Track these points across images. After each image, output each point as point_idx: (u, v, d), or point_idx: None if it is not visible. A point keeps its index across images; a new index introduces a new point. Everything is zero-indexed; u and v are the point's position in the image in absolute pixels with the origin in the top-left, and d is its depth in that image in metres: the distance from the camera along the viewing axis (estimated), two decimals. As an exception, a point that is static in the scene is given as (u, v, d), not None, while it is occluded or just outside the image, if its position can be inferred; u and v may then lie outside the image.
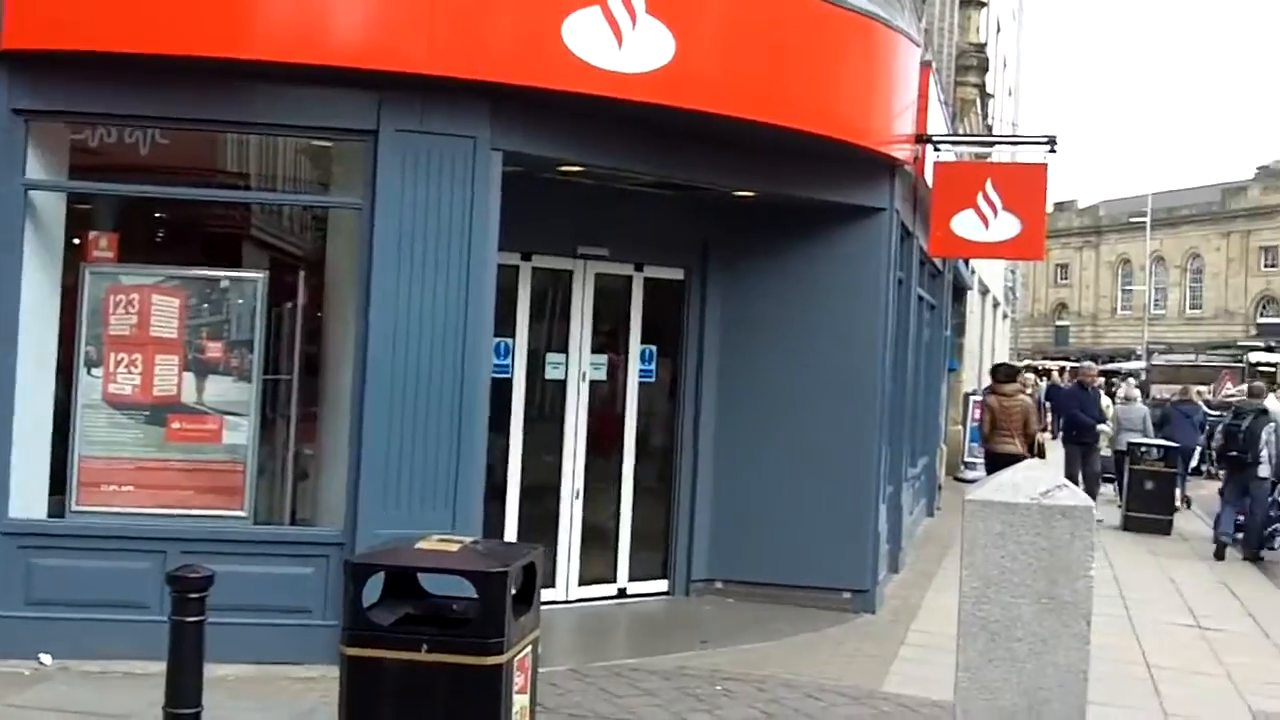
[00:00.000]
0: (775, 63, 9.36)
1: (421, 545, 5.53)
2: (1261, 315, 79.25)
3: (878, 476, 11.18)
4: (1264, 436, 15.94)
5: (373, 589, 5.53)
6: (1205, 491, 20.05)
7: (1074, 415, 19.00)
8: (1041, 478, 5.58)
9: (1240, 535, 16.34)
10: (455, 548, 5.53)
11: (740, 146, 9.69)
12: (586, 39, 8.16)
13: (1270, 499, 16.23)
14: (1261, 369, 52.11)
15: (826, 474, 10.87)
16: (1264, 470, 15.89)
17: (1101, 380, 26.91)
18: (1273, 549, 16.06)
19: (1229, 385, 36.19)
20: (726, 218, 11.08)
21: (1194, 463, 21.20)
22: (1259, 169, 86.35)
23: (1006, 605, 5.50)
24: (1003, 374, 17.10)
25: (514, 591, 5.40)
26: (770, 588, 10.91)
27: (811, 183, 10.52)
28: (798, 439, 10.95)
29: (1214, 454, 19.19)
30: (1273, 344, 65.79)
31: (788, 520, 10.88)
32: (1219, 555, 15.83)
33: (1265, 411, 16.52)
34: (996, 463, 14.75)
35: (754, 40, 9.22)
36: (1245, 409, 16.62)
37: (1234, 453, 16.15)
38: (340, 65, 7.80)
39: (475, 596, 5.23)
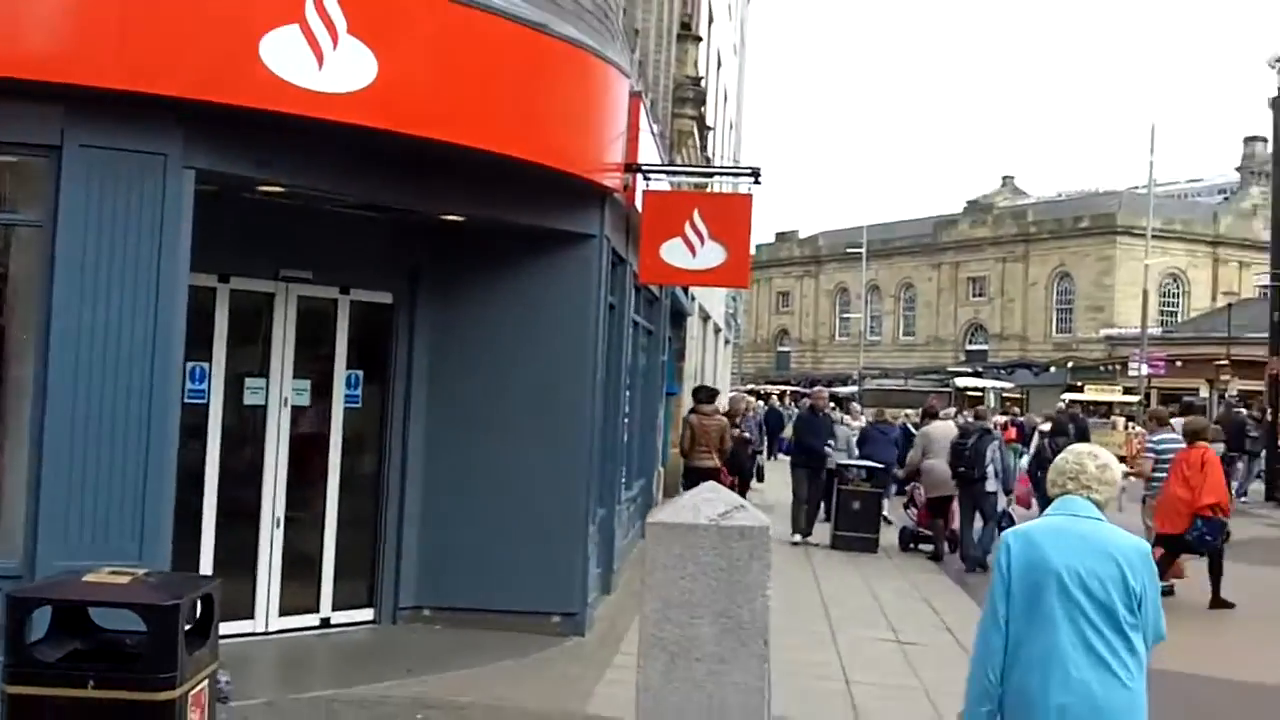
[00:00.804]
0: (483, 87, 9.35)
1: (90, 578, 5.32)
2: (970, 342, 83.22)
3: (588, 500, 11.23)
4: (989, 454, 17.25)
5: (42, 624, 5.29)
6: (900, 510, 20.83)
7: (808, 442, 18.93)
8: (720, 499, 5.70)
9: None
10: (126, 580, 5.34)
11: (448, 170, 9.64)
12: (285, 57, 7.98)
13: (1001, 511, 17.57)
14: (969, 393, 54.73)
15: (537, 498, 10.88)
16: (991, 485, 17.22)
17: (834, 405, 27.89)
18: None
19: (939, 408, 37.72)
20: (437, 241, 11.01)
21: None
22: (968, 203, 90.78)
23: (686, 626, 5.60)
24: (703, 396, 18.02)
25: (189, 625, 5.24)
26: (480, 613, 10.83)
27: (522, 208, 10.55)
28: (508, 463, 10.93)
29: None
30: (979, 369, 69.08)
31: (497, 545, 10.84)
32: (972, 566, 17.04)
33: (989, 431, 18.20)
34: (695, 476, 15.97)
35: (461, 64, 9.19)
36: (971, 429, 18.03)
37: (962, 469, 17.31)
38: (20, 77, 7.43)
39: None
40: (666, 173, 14.11)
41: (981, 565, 16.69)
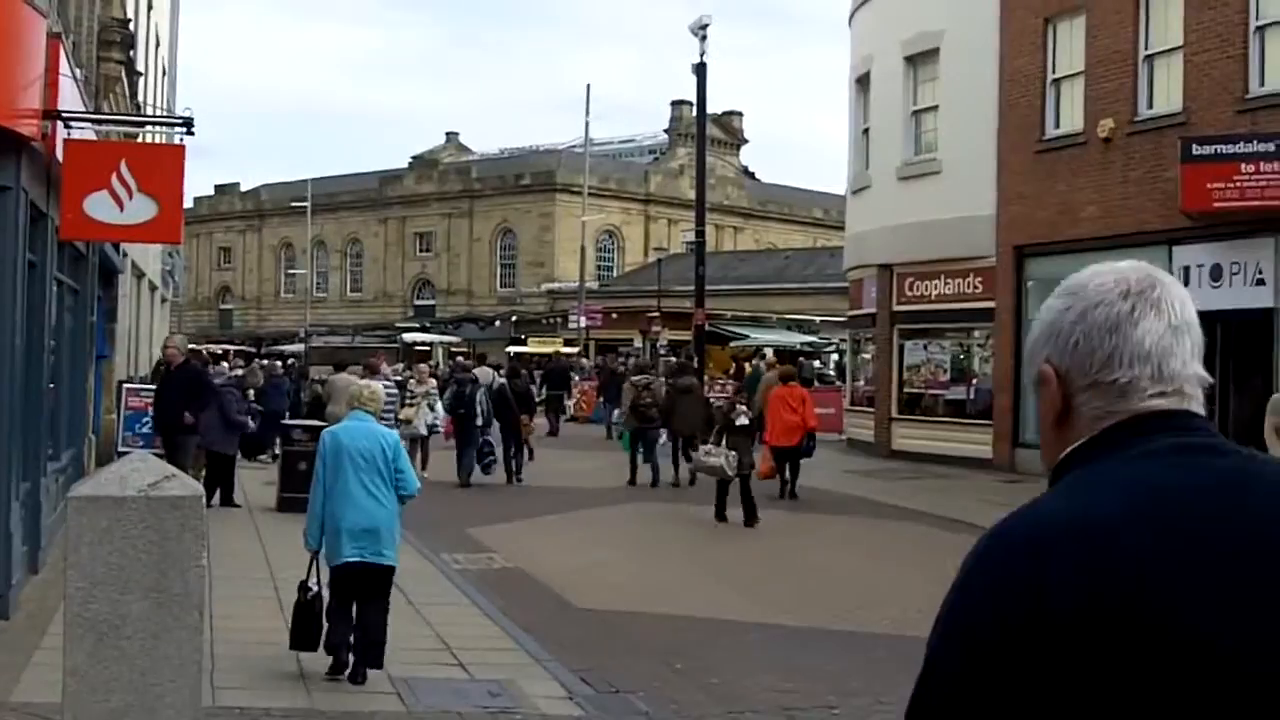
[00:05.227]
0: None
1: None
2: (418, 298, 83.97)
3: (9, 473, 10.46)
4: (479, 397, 21.89)
5: None
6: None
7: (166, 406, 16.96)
8: (150, 469, 5.41)
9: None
10: None
11: None
12: None
13: (483, 439, 22.02)
14: (417, 348, 55.26)
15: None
16: (479, 421, 21.76)
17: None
18: (489, 473, 21.90)
19: (384, 365, 37.92)
20: None
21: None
22: (413, 158, 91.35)
23: (115, 602, 5.29)
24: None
25: None
26: (-114, 603, 9.86)
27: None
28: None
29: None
30: (427, 324, 69.91)
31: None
32: (465, 484, 21.55)
33: (476, 380, 22.78)
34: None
35: None
36: (465, 379, 22.87)
37: (462, 410, 21.70)
38: None
39: None
40: (91, 121, 13.24)
41: (466, 484, 21.44)
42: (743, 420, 18.35)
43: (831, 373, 45.29)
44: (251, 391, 22.95)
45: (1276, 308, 19.60)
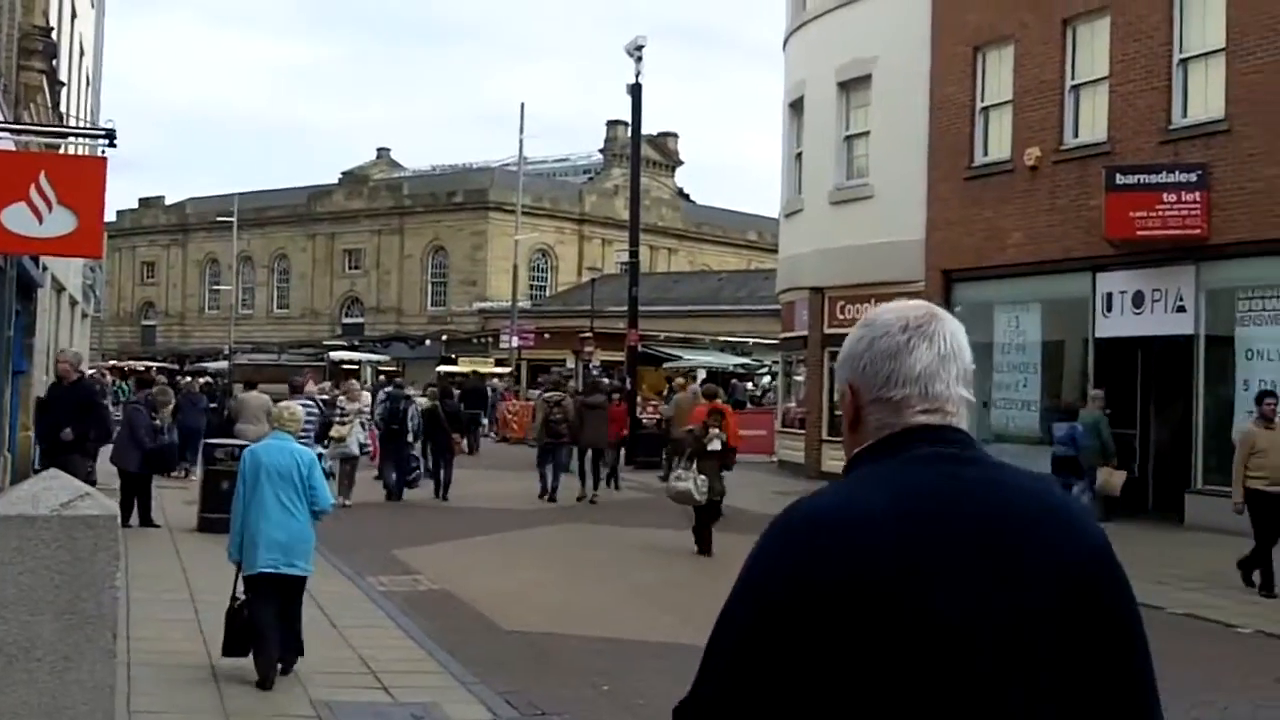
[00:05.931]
0: None
1: None
2: (346, 316, 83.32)
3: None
4: (410, 413, 22.74)
5: None
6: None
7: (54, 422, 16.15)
8: (63, 487, 5.26)
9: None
10: None
11: None
12: None
13: (412, 454, 23.08)
14: (344, 366, 54.79)
15: None
16: (410, 437, 22.66)
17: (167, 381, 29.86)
18: (415, 487, 22.70)
19: (311, 384, 37.58)
20: None
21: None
22: (343, 174, 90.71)
23: (25, 624, 5.14)
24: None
25: None
26: None
27: None
28: None
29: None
30: (356, 342, 69.39)
31: None
32: (393, 497, 22.35)
33: (409, 397, 24.16)
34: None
35: None
36: (398, 396, 23.84)
37: (395, 426, 22.50)
38: None
39: None
40: (10, 131, 12.99)
41: (399, 496, 22.26)
42: (715, 445, 17.32)
43: (759, 393, 45.38)
44: (169, 408, 22.75)
45: (1196, 334, 19.87)
